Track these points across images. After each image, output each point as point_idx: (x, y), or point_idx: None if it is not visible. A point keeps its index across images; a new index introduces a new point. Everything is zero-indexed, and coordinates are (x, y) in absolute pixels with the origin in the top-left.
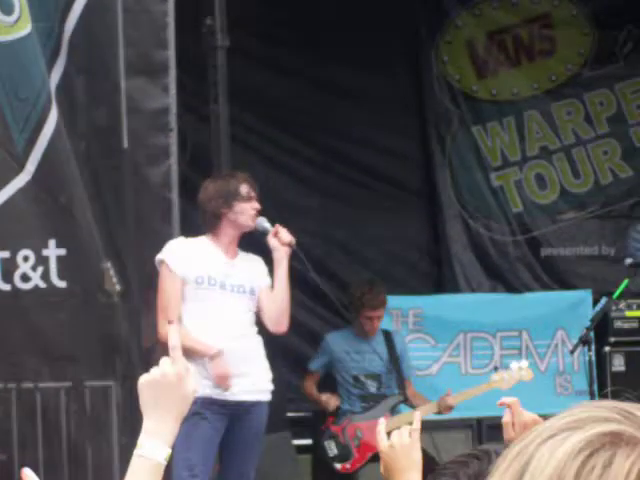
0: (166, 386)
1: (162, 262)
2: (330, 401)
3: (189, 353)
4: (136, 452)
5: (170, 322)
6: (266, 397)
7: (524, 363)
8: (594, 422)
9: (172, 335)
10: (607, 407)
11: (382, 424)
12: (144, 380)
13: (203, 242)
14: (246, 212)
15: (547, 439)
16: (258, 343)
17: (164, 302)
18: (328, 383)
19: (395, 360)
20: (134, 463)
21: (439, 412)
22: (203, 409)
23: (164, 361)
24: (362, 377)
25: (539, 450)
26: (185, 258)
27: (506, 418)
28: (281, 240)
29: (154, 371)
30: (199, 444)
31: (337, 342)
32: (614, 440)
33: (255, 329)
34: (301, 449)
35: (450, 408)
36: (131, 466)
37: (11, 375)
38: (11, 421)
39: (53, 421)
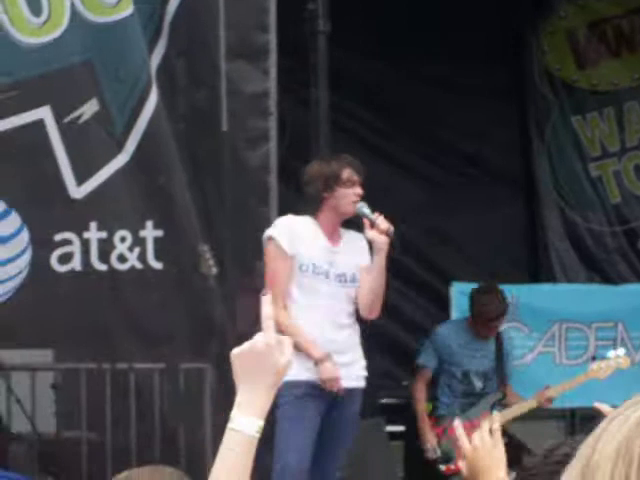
0: (256, 356)
1: (271, 239)
2: (431, 446)
3: (296, 348)
4: (229, 426)
5: (264, 293)
6: (362, 383)
7: (621, 351)
8: None
9: (265, 305)
10: None
11: (460, 427)
12: (235, 352)
13: (309, 223)
14: (347, 197)
15: (612, 419)
16: (357, 332)
17: (275, 282)
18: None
19: (501, 359)
20: (227, 437)
21: (539, 406)
22: (308, 393)
23: (257, 334)
24: (471, 374)
25: (607, 428)
26: (295, 237)
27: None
28: (379, 229)
29: (244, 344)
30: (307, 427)
31: (450, 335)
32: None
33: (355, 317)
34: (393, 436)
35: (550, 401)
36: (224, 440)
37: (106, 355)
38: (105, 401)
39: (147, 402)
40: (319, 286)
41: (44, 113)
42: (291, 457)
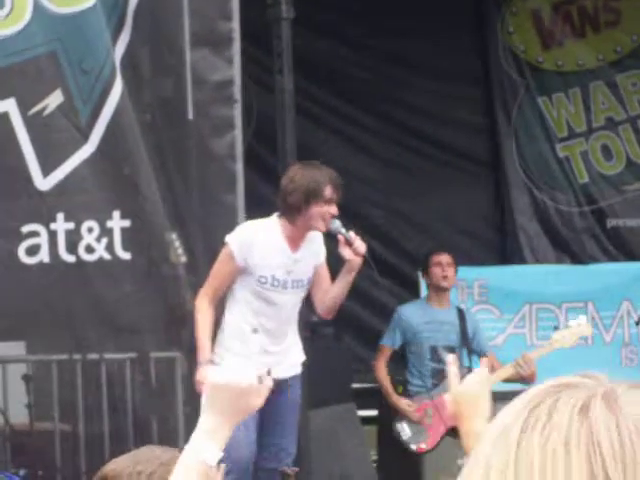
0: (236, 394)
1: (227, 245)
2: (407, 408)
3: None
4: (191, 450)
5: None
6: (297, 370)
7: (582, 318)
8: (551, 380)
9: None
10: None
11: (453, 363)
12: (214, 381)
13: (272, 229)
14: (322, 216)
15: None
16: (295, 328)
17: (215, 276)
18: (398, 360)
19: (467, 335)
20: (186, 460)
21: (520, 378)
22: None
23: (239, 369)
24: (440, 349)
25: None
26: (251, 251)
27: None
28: (356, 251)
29: (229, 375)
30: (251, 421)
31: (412, 313)
32: (559, 389)
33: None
34: (366, 420)
35: (530, 371)
36: (183, 463)
37: (76, 346)
38: (76, 392)
39: (118, 392)
40: (274, 297)
41: (9, 106)
42: (243, 451)
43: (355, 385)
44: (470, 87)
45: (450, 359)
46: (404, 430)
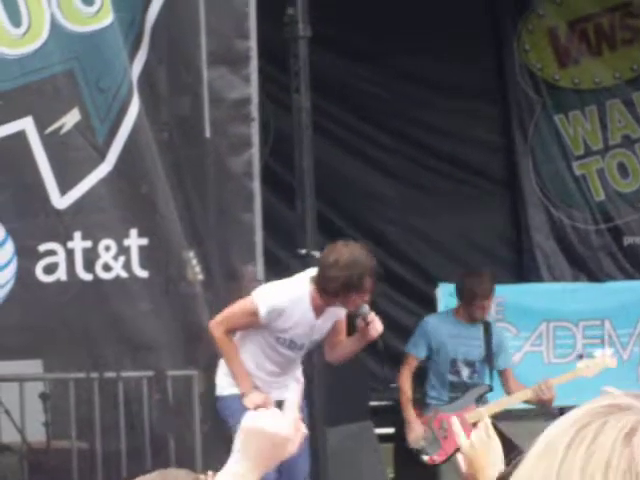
0: (273, 444)
1: (255, 304)
2: (416, 433)
3: (232, 375)
4: None
5: (299, 381)
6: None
7: (608, 351)
8: (603, 399)
9: (294, 394)
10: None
11: (456, 423)
12: (251, 427)
13: (302, 300)
14: (355, 302)
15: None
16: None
17: (232, 320)
18: (419, 374)
19: (491, 350)
20: None
21: (538, 401)
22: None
23: (277, 414)
24: (459, 362)
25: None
26: (277, 319)
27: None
28: (370, 333)
29: (267, 422)
30: None
31: (439, 325)
32: (610, 410)
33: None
34: (383, 438)
35: (550, 395)
36: None
37: (93, 364)
38: (93, 410)
39: (135, 410)
40: (287, 353)
41: (26, 124)
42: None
43: (372, 403)
44: (487, 105)
45: (453, 420)
46: (418, 439)
